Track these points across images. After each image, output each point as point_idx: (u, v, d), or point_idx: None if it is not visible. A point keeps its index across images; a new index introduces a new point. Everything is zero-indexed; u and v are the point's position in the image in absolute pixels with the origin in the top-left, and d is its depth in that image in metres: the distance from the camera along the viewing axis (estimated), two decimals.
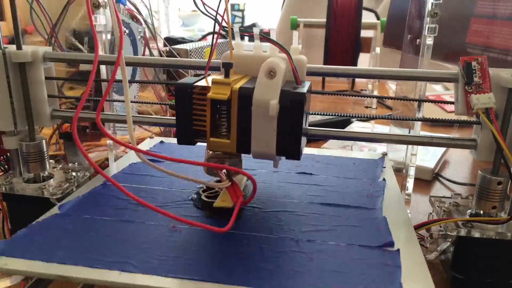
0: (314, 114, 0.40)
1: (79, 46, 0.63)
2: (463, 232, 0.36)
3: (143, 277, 0.27)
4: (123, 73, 0.32)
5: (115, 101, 0.50)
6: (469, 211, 0.39)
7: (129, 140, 0.33)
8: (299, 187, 0.42)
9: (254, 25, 2.36)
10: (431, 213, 0.42)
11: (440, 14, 0.40)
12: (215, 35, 0.36)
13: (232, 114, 0.32)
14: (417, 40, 0.45)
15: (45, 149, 0.43)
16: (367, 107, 1.00)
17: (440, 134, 0.71)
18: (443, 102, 0.45)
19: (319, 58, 0.97)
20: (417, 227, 0.38)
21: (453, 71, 0.37)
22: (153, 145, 0.54)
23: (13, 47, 0.40)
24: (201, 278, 0.27)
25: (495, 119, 0.34)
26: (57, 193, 0.40)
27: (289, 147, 0.32)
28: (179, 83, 0.33)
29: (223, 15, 0.34)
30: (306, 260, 0.30)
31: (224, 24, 0.35)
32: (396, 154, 0.53)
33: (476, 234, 0.36)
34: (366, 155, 0.53)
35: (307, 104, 0.33)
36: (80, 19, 0.64)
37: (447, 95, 1.09)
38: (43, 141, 0.43)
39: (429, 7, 0.41)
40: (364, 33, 0.96)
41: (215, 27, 0.35)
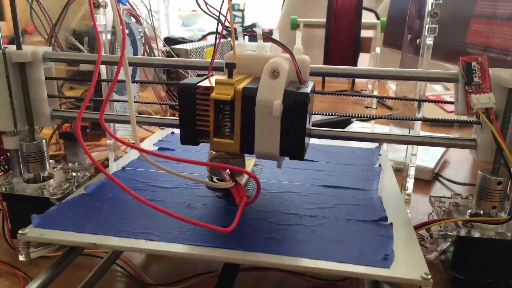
0: (314, 114, 0.40)
1: (79, 46, 0.63)
2: (463, 232, 0.36)
3: (166, 245, 0.31)
4: (126, 74, 0.32)
5: (115, 101, 0.50)
6: (469, 211, 0.39)
7: (131, 139, 0.33)
8: (302, 171, 0.45)
9: (254, 25, 2.37)
10: (431, 213, 0.42)
11: (440, 14, 0.40)
12: (218, 35, 0.36)
13: (235, 114, 0.32)
14: (417, 40, 0.45)
15: (45, 149, 0.43)
16: (367, 107, 1.00)
17: (440, 134, 0.71)
18: (443, 102, 0.45)
19: (319, 58, 0.97)
20: (417, 227, 0.38)
21: (453, 71, 0.37)
22: (165, 135, 0.56)
23: (13, 47, 0.40)
24: (215, 245, 0.31)
25: (495, 119, 0.34)
26: (57, 193, 0.40)
27: (292, 147, 0.32)
28: (182, 83, 0.33)
29: (226, 15, 0.34)
30: (309, 232, 0.33)
31: (226, 24, 0.35)
32: (396, 154, 0.53)
33: (476, 234, 0.36)
34: (363, 144, 0.54)
35: (310, 104, 0.33)
36: (80, 19, 0.64)
37: (447, 95, 1.09)
38: (43, 141, 0.43)
39: (429, 7, 0.41)
40: (364, 33, 0.96)
41: (218, 27, 0.35)
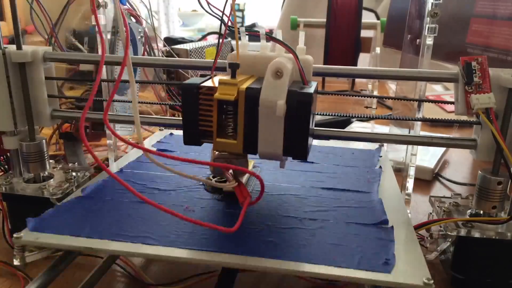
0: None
1: (79, 46, 0.63)
2: (463, 232, 0.36)
3: (163, 249, 0.30)
4: (129, 74, 0.32)
5: (116, 101, 0.50)
6: (469, 211, 0.39)
7: (131, 139, 0.33)
8: (302, 173, 0.45)
9: (254, 25, 2.37)
10: (431, 213, 0.42)
11: (440, 14, 0.40)
12: (221, 35, 0.36)
13: (239, 114, 0.32)
14: (417, 40, 0.45)
15: (45, 149, 0.43)
16: (367, 107, 1.00)
17: (440, 134, 0.71)
18: (443, 102, 0.45)
19: (319, 58, 0.96)
20: (417, 227, 0.38)
21: (453, 71, 0.37)
22: (164, 136, 0.56)
23: (13, 47, 0.40)
24: (214, 249, 0.30)
25: (495, 119, 0.34)
26: (57, 193, 0.40)
27: (296, 147, 0.32)
28: (185, 83, 0.33)
29: (229, 15, 0.34)
30: (308, 235, 0.33)
31: (228, 24, 0.35)
32: (396, 154, 0.53)
33: (476, 234, 0.36)
34: (363, 145, 0.54)
35: (313, 104, 0.33)
36: (80, 19, 0.64)
37: (447, 95, 1.09)
38: (43, 141, 0.43)
39: (429, 7, 0.41)
40: (364, 33, 0.96)
41: (221, 27, 0.35)
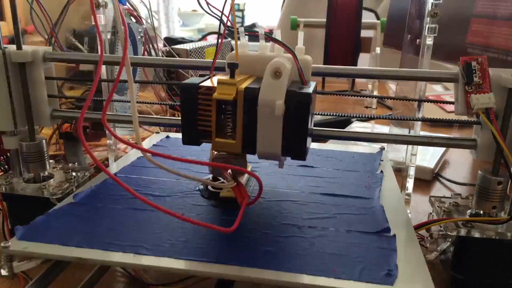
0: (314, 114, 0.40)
1: (79, 46, 0.63)
2: (463, 232, 0.36)
3: (156, 259, 0.29)
4: (128, 74, 0.32)
5: (115, 101, 0.50)
6: (469, 211, 0.39)
7: (131, 139, 0.33)
8: (301, 178, 0.44)
9: (254, 25, 2.37)
10: (431, 213, 0.42)
11: (440, 14, 0.40)
12: (220, 35, 0.36)
13: (237, 114, 0.32)
14: (417, 40, 0.45)
15: (45, 149, 0.43)
16: (367, 107, 1.00)
17: (440, 134, 0.71)
18: (443, 102, 0.45)
19: (319, 58, 0.96)
20: (417, 227, 0.38)
21: (453, 71, 0.37)
22: (160, 139, 0.56)
23: (13, 47, 0.40)
24: (209, 260, 0.29)
25: (495, 119, 0.34)
26: (57, 193, 0.40)
27: (294, 147, 0.32)
28: (184, 83, 0.33)
29: (228, 15, 0.34)
30: (307, 244, 0.31)
31: (227, 24, 0.35)
32: (396, 154, 0.53)
33: (476, 234, 0.36)
34: (364, 149, 0.54)
35: (312, 104, 0.33)
36: (80, 19, 0.64)
37: (447, 95, 1.09)
38: (43, 141, 0.43)
39: (429, 7, 0.41)
40: (364, 33, 0.96)
41: (220, 27, 0.35)
